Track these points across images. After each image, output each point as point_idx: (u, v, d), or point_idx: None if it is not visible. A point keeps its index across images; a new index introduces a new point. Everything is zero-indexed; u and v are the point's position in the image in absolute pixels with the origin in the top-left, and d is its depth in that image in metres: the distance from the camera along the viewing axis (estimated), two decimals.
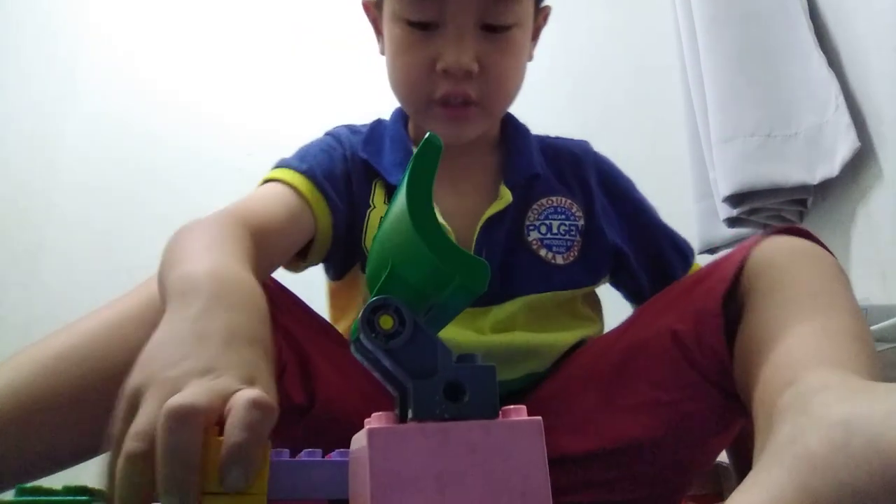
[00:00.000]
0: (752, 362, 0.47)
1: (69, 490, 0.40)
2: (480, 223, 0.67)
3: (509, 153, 0.74)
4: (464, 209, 0.69)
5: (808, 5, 1.09)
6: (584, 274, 0.69)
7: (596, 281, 0.70)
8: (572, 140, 0.80)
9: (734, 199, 1.10)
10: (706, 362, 0.53)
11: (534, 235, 0.69)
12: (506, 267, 0.67)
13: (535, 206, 0.70)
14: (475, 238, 0.67)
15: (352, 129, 0.79)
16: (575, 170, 0.75)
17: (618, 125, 1.65)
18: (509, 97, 0.73)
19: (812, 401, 0.36)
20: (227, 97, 1.75)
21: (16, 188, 1.66)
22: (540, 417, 0.31)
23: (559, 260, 0.68)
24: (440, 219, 0.67)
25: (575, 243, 0.69)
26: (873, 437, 0.31)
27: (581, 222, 0.70)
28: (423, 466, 0.28)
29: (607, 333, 0.68)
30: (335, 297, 0.78)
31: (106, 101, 1.74)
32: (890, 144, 0.93)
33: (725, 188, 1.10)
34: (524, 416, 0.31)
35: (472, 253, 0.65)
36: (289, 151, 0.93)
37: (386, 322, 0.29)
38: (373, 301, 0.30)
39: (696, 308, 0.54)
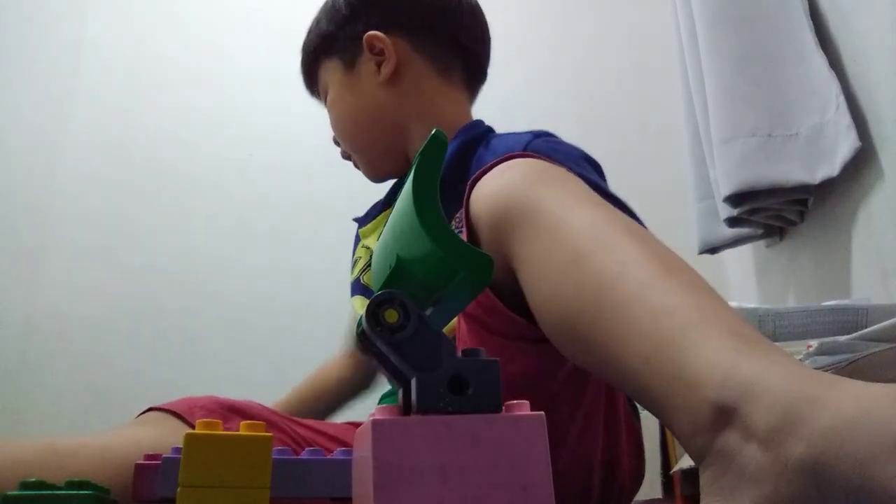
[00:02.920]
0: (588, 339, 0.40)
1: (72, 484, 0.40)
2: None
3: None
4: None
5: (809, 5, 1.09)
6: None
7: None
8: (512, 136, 0.77)
9: (734, 199, 1.10)
10: (494, 321, 0.50)
11: None
12: None
13: (453, 222, 0.74)
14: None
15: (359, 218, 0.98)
16: None
17: (618, 125, 1.66)
18: (358, 139, 0.88)
19: (751, 424, 0.31)
20: (230, 96, 1.75)
21: (18, 185, 1.66)
22: (542, 412, 0.31)
23: None
24: (374, 243, 0.79)
25: None
26: (851, 492, 0.28)
27: None
28: (426, 459, 0.28)
29: None
30: None
31: (109, 100, 1.74)
32: (891, 144, 0.93)
33: (726, 188, 1.10)
34: (527, 411, 0.31)
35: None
36: (289, 151, 0.95)
37: (391, 316, 0.30)
38: (378, 295, 0.30)
39: None
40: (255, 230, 1.65)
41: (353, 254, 0.94)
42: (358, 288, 0.86)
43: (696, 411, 0.34)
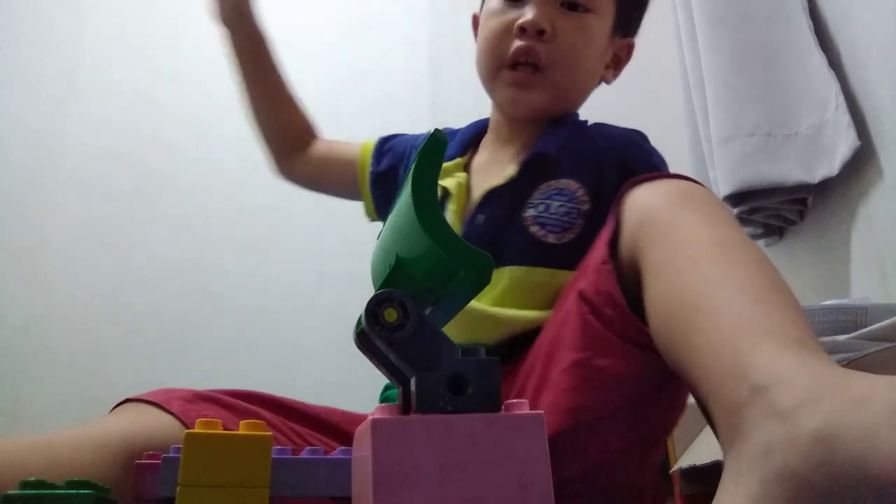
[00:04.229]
0: (677, 338, 0.45)
1: (72, 484, 0.40)
2: (482, 194, 0.73)
3: (539, 138, 0.77)
4: (481, 182, 0.75)
5: (808, 5, 1.09)
6: (578, 257, 0.68)
7: None
8: (624, 129, 0.82)
9: (734, 199, 1.10)
10: (609, 312, 0.53)
11: (530, 212, 0.71)
12: (499, 239, 0.71)
13: (541, 186, 0.72)
14: (474, 208, 0.73)
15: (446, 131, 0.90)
16: (597, 155, 0.76)
17: (618, 125, 1.65)
18: (574, 76, 0.78)
19: (777, 401, 0.34)
20: (228, 99, 1.75)
21: (16, 186, 1.66)
22: (542, 412, 0.31)
23: (551, 239, 0.70)
24: (452, 185, 0.74)
25: (574, 225, 0.70)
26: (857, 460, 0.29)
27: (585, 207, 0.71)
28: (426, 458, 0.28)
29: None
30: None
31: (107, 100, 1.74)
32: (890, 144, 0.93)
33: (725, 187, 1.10)
34: (526, 410, 0.31)
35: (467, 217, 0.72)
36: None
37: (390, 315, 0.30)
38: (377, 294, 0.30)
39: (592, 264, 0.55)
40: (254, 232, 1.65)
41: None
42: None
43: (736, 394, 0.37)
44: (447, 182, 0.76)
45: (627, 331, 0.52)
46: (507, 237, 0.71)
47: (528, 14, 0.73)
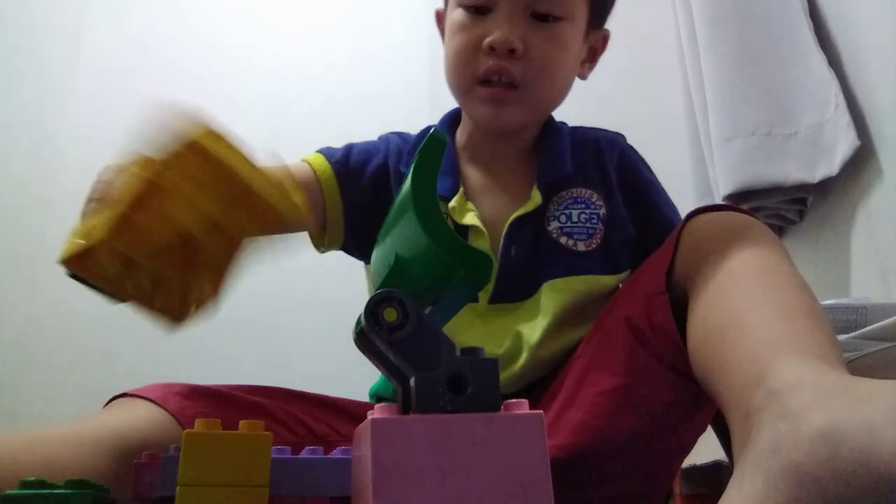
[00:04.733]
0: (710, 351, 0.47)
1: (71, 484, 0.40)
2: (508, 222, 0.71)
3: (545, 156, 0.76)
4: (497, 210, 0.73)
5: (808, 5, 1.09)
6: (607, 261, 0.70)
7: (619, 269, 0.71)
8: (605, 131, 0.82)
9: (734, 199, 1.10)
10: (658, 342, 0.54)
11: (553, 225, 0.71)
12: (533, 260, 0.71)
13: (555, 199, 0.73)
14: (503, 236, 0.71)
15: (401, 137, 0.82)
16: (596, 159, 0.76)
17: (617, 125, 1.65)
18: (550, 89, 0.75)
19: (788, 403, 0.35)
20: (230, 95, 1.75)
21: (16, 187, 1.66)
22: (541, 411, 0.31)
23: (581, 247, 0.70)
24: (476, 220, 0.71)
25: (597, 231, 0.71)
26: (860, 453, 0.30)
27: (602, 211, 0.72)
28: (425, 458, 0.28)
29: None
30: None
31: (106, 101, 1.74)
32: (890, 143, 0.93)
33: (725, 187, 1.10)
34: (525, 410, 0.31)
35: (501, 251, 0.70)
36: (289, 149, 0.93)
37: (390, 315, 0.30)
38: (377, 294, 0.30)
39: (645, 291, 0.56)
40: None
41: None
42: None
43: (753, 400, 0.38)
44: (468, 219, 0.72)
45: (675, 363, 0.53)
46: (541, 254, 0.71)
47: (496, 32, 0.69)
